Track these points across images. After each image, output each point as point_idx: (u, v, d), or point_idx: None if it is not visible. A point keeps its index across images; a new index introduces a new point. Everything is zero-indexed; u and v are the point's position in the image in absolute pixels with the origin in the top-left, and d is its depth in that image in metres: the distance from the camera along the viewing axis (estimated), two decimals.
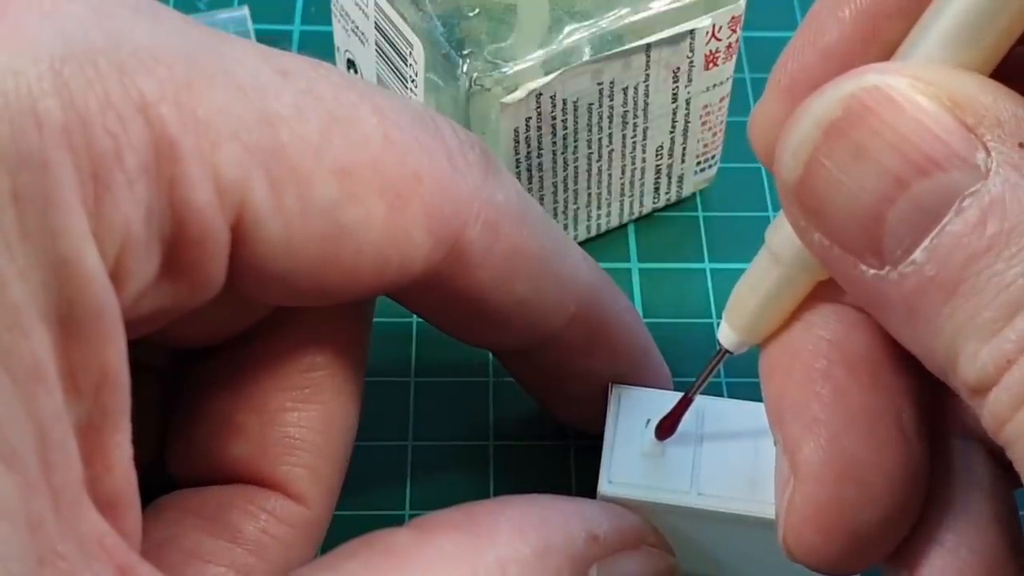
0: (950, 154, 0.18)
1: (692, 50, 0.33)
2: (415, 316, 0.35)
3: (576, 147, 0.34)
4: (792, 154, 0.19)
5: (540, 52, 0.31)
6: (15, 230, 0.18)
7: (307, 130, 0.22)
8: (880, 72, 0.19)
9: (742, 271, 0.24)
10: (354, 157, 0.22)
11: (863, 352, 0.22)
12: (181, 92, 0.20)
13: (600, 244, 0.37)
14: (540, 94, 0.31)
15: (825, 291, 0.23)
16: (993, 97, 0.18)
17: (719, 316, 0.34)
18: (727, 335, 0.24)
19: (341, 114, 0.22)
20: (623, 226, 0.37)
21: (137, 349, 0.21)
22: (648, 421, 0.28)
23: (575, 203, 0.35)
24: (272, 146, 0.21)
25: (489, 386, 0.34)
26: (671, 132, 0.35)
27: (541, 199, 0.34)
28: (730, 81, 0.35)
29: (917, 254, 0.18)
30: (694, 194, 0.38)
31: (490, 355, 0.34)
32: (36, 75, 0.19)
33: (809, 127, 0.19)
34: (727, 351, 0.24)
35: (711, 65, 0.34)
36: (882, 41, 0.21)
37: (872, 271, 0.19)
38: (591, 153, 0.34)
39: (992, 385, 0.18)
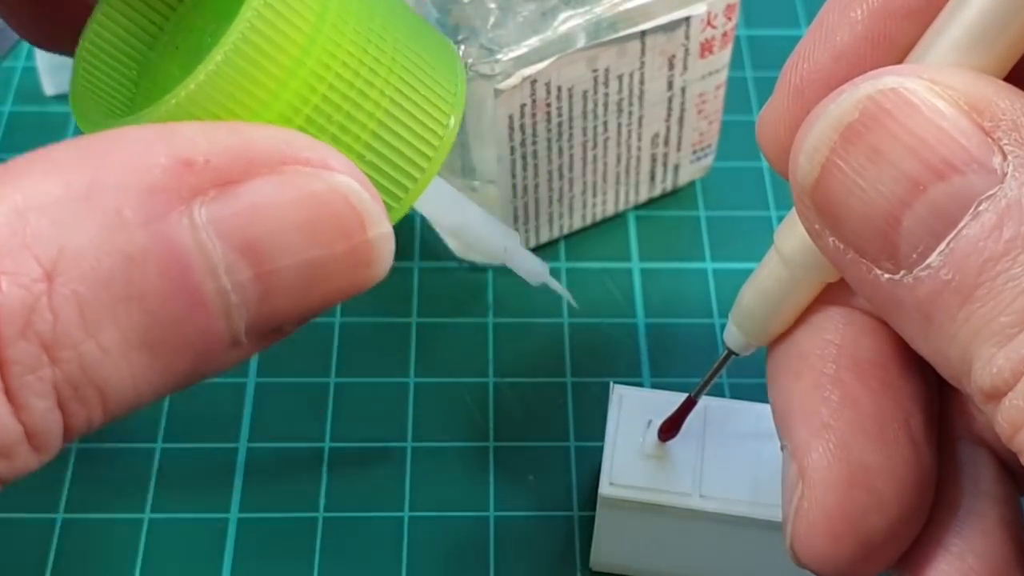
0: (967, 158, 0.18)
1: (687, 37, 0.33)
2: (414, 316, 0.35)
3: (571, 134, 0.33)
4: (807, 157, 0.19)
5: (535, 39, 0.31)
6: None
7: None
8: (897, 74, 0.18)
9: (744, 271, 0.23)
10: None
11: (871, 357, 0.22)
12: None
13: (601, 243, 0.36)
14: (535, 81, 0.31)
15: (832, 294, 0.22)
16: (1010, 101, 0.18)
17: (721, 316, 0.34)
18: (733, 336, 0.24)
19: None
20: (620, 215, 0.37)
21: None
22: (650, 422, 0.28)
23: (571, 191, 0.35)
24: None
25: (490, 386, 0.33)
26: (666, 120, 0.35)
27: (536, 187, 0.34)
28: (726, 69, 0.34)
29: (933, 258, 0.18)
30: (695, 193, 0.37)
31: (491, 356, 0.34)
32: None
33: (825, 129, 0.19)
34: (733, 352, 0.24)
35: (707, 53, 0.33)
36: (893, 43, 0.20)
37: (887, 275, 0.19)
38: (586, 141, 0.34)
39: (1007, 390, 0.18)
